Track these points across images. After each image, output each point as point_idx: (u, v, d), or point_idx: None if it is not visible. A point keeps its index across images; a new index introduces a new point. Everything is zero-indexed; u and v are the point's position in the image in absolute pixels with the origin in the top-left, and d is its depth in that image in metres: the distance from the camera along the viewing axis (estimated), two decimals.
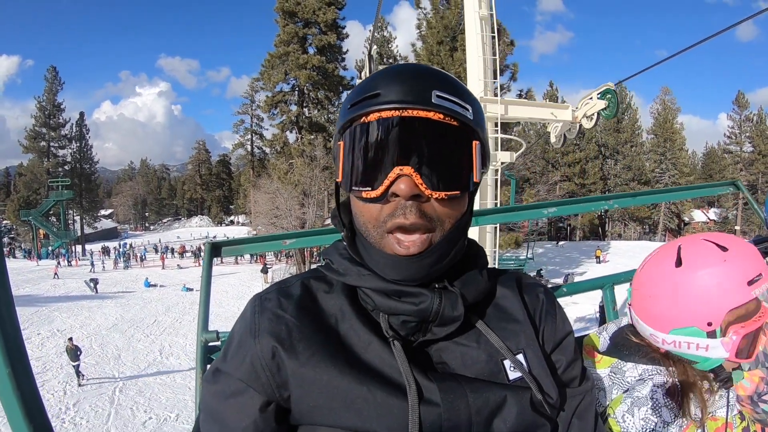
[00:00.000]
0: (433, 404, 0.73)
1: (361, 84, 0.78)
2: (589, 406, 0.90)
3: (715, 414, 1.12)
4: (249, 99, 62.46)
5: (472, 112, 0.76)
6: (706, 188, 2.82)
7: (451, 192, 0.74)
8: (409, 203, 0.72)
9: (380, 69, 0.80)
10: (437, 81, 0.74)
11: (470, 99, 0.78)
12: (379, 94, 0.73)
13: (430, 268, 0.75)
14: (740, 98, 64.86)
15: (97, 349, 16.64)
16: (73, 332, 17.83)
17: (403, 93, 0.72)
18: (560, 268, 32.85)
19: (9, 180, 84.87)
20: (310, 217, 32.36)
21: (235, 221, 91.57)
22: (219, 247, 1.88)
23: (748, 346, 1.06)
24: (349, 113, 0.76)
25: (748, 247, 1.09)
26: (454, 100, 0.74)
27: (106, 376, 14.13)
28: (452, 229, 0.77)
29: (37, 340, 17.31)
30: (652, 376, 1.12)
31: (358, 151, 0.74)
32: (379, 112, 0.72)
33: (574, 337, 0.96)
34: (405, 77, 0.74)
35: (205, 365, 1.56)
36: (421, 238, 0.74)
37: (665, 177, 62.16)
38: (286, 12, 38.15)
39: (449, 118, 0.73)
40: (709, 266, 1.05)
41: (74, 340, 14.29)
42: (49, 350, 16.07)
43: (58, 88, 60.67)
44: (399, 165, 0.71)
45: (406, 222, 0.72)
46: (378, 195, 0.72)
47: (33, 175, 58.88)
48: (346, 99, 0.79)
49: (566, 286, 1.83)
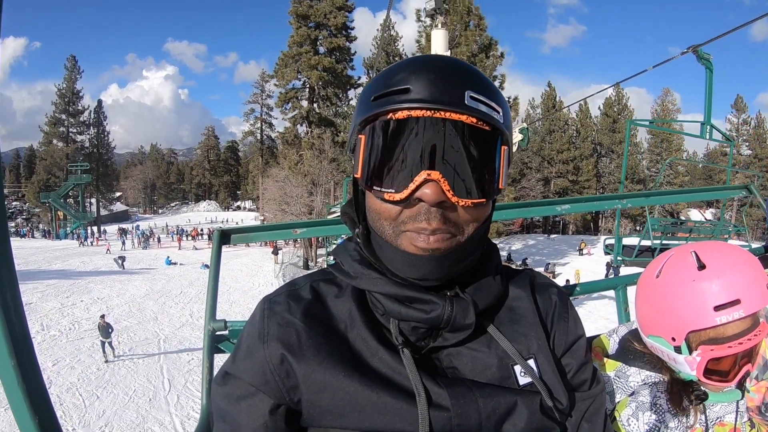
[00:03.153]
0: (444, 409, 0.72)
1: (385, 75, 0.73)
2: (598, 410, 0.89)
3: (723, 419, 1.10)
4: (259, 89, 65.23)
5: (503, 114, 0.73)
6: (719, 191, 2.80)
7: (478, 200, 0.70)
8: (434, 209, 0.69)
9: (407, 59, 0.76)
10: (470, 80, 0.71)
11: (501, 100, 0.73)
12: (408, 90, 0.68)
13: (448, 268, 0.73)
14: (739, 102, 66.24)
15: (137, 313, 19.36)
16: (111, 300, 20.65)
17: (437, 92, 0.67)
18: (546, 259, 35.71)
19: (19, 162, 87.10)
20: (317, 205, 35.10)
21: (242, 206, 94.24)
22: (228, 235, 1.89)
23: (721, 371, 1.03)
24: (373, 106, 0.71)
25: (736, 266, 1.01)
26: (487, 103, 0.70)
27: (150, 332, 16.80)
28: (474, 233, 0.74)
29: (82, 305, 19.93)
30: (656, 381, 1.13)
31: (382, 148, 0.70)
32: (409, 110, 0.67)
33: (586, 339, 0.94)
34: (437, 73, 0.69)
35: (211, 354, 1.58)
36: (443, 236, 0.71)
37: (661, 176, 64.10)
38: (300, 15, 41.43)
39: (482, 123, 0.69)
40: (677, 284, 1.04)
41: (106, 317, 15.04)
42: (94, 313, 18.62)
43: (77, 76, 63.74)
44: (427, 169, 0.67)
45: (428, 227, 0.69)
46: (402, 198, 0.68)
47: (53, 159, 62.11)
48: (367, 89, 0.75)
49: (580, 285, 1.83)
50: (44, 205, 59.72)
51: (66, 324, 16.96)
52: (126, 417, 10.27)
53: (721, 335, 1.00)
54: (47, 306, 18.99)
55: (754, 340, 0.99)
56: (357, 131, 0.74)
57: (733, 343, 0.98)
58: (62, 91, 62.62)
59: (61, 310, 18.72)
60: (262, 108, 64.92)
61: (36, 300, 19.59)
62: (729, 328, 0.99)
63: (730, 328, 0.99)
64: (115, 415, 10.32)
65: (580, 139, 64.67)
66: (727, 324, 0.98)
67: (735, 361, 1.03)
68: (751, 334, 0.99)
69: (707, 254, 1.04)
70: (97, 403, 10.82)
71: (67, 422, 9.78)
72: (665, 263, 1.09)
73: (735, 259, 1.03)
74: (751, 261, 1.03)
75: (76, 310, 18.99)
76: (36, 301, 19.47)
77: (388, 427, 0.72)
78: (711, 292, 0.99)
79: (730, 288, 0.98)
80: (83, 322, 17.18)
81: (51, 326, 16.45)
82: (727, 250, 1.06)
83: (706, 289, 0.99)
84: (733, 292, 0.98)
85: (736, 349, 0.98)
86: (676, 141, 65.15)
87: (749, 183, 2.52)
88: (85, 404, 10.72)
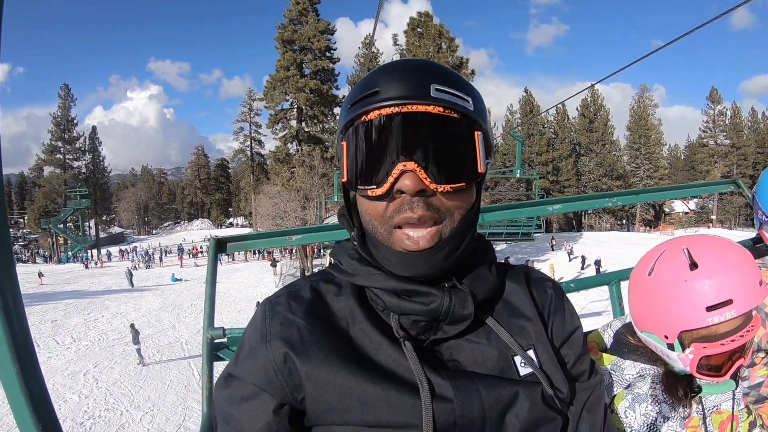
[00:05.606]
0: (447, 401, 0.73)
1: (360, 83, 0.78)
2: (598, 400, 0.90)
3: (720, 407, 1.11)
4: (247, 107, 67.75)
5: (473, 102, 0.75)
6: (707, 186, 2.83)
7: (456, 185, 0.73)
8: (415, 198, 0.71)
9: (379, 66, 0.81)
10: (435, 74, 0.74)
11: (470, 90, 0.77)
12: (378, 92, 0.72)
13: (441, 262, 0.75)
14: (713, 94, 69.16)
15: (155, 323, 21.45)
16: (129, 314, 22.54)
17: (402, 89, 0.71)
18: (527, 256, 38.38)
19: (10, 189, 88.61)
20: (310, 218, 37.39)
21: (235, 223, 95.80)
22: (224, 243, 1.88)
23: (714, 366, 1.03)
24: (349, 113, 0.75)
25: (729, 265, 1.00)
26: (453, 93, 0.73)
27: (172, 338, 18.92)
28: (461, 220, 0.76)
29: (104, 320, 21.98)
30: (650, 373, 1.13)
31: (360, 149, 0.74)
32: (379, 109, 0.71)
33: (583, 332, 0.94)
34: (403, 73, 0.74)
35: (211, 362, 1.57)
36: (430, 231, 0.73)
37: (640, 171, 66.95)
38: (285, 40, 44.59)
39: (449, 111, 0.72)
40: (669, 284, 1.02)
41: (135, 323, 17.24)
42: (117, 325, 20.74)
43: (71, 104, 66.14)
44: (402, 161, 0.70)
45: (413, 216, 0.71)
46: (383, 192, 0.72)
47: (51, 186, 64.35)
48: (347, 99, 0.79)
49: (574, 282, 1.86)
50: (43, 231, 61.60)
51: (94, 336, 19.03)
52: (168, 399, 12.58)
53: (714, 333, 1.00)
54: (72, 322, 21.05)
55: (747, 336, 0.99)
56: (340, 139, 0.79)
57: (726, 341, 0.98)
58: (57, 119, 64.92)
59: (86, 324, 20.77)
60: (251, 126, 67.40)
61: (60, 317, 21.68)
62: (722, 326, 0.99)
63: (722, 327, 0.99)
64: (159, 399, 12.61)
65: (558, 140, 67.52)
66: (719, 324, 0.98)
67: (728, 356, 1.03)
68: (744, 331, 0.99)
69: (699, 252, 1.02)
70: (141, 392, 13.09)
71: (120, 406, 12.07)
72: (658, 260, 1.08)
73: (727, 258, 1.01)
74: (743, 258, 1.01)
75: (100, 324, 21.06)
76: (60, 318, 21.56)
77: (392, 420, 0.73)
78: (703, 292, 0.98)
79: (722, 288, 0.97)
80: (109, 334, 19.28)
81: (81, 338, 18.54)
82: (720, 246, 1.04)
83: (699, 289, 0.98)
84: (726, 292, 0.96)
85: (728, 347, 0.98)
86: (654, 136, 67.94)
87: (737, 177, 2.82)
88: (132, 393, 12.99)
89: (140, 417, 11.49)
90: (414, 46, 38.37)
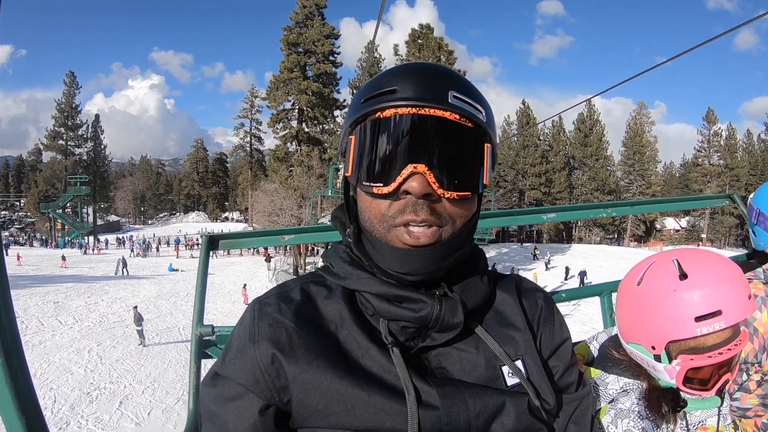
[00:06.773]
0: (433, 408, 0.73)
1: (374, 80, 0.77)
2: (585, 412, 0.90)
3: (705, 423, 1.11)
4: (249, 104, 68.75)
5: (485, 114, 0.76)
6: (702, 200, 2.84)
7: (463, 193, 0.73)
8: (420, 201, 0.71)
9: (395, 66, 0.80)
10: (453, 81, 0.74)
11: (483, 101, 0.77)
12: (395, 91, 0.72)
13: (437, 262, 0.74)
14: (710, 114, 70.15)
15: (154, 309, 22.35)
16: (128, 300, 23.44)
17: (421, 91, 0.71)
18: (515, 265, 39.63)
19: (8, 171, 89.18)
20: (306, 216, 38.47)
21: (230, 218, 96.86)
22: (216, 241, 1.86)
23: (701, 380, 1.02)
24: (362, 108, 0.75)
25: (719, 277, 0.99)
26: (469, 102, 0.73)
27: (169, 323, 19.92)
28: (462, 228, 0.76)
29: (104, 303, 22.84)
30: (634, 389, 1.12)
31: (371, 145, 0.73)
32: (395, 108, 0.71)
33: (572, 343, 0.95)
34: (422, 75, 0.74)
35: (199, 359, 1.55)
36: (431, 229, 0.72)
37: (633, 187, 68.15)
38: (290, 43, 45.96)
39: (464, 119, 0.72)
40: (658, 294, 1.02)
41: (137, 308, 17.92)
42: (118, 308, 21.72)
43: (75, 91, 67.14)
44: (413, 162, 0.70)
45: (416, 218, 0.71)
46: (390, 191, 0.71)
47: (52, 171, 65.33)
48: (358, 94, 0.78)
49: (565, 292, 1.84)
50: (41, 215, 62.65)
51: (95, 318, 19.98)
52: (167, 376, 13.75)
53: (702, 345, 0.99)
54: (73, 304, 21.94)
55: (735, 350, 0.98)
56: (348, 133, 0.78)
57: (713, 353, 0.98)
58: (61, 106, 65.95)
59: (87, 307, 21.66)
60: (251, 123, 68.31)
61: (62, 299, 22.54)
62: (710, 338, 0.98)
63: (710, 339, 0.98)
64: (159, 375, 13.77)
65: (553, 153, 68.91)
66: (707, 335, 0.98)
67: (715, 370, 1.03)
68: (732, 344, 0.99)
69: (689, 263, 1.02)
70: (143, 369, 14.20)
71: (123, 380, 13.20)
72: (647, 270, 1.08)
73: (717, 269, 1.01)
74: (733, 271, 1.01)
75: (100, 308, 21.97)
76: (62, 300, 22.42)
77: (377, 426, 0.72)
78: (692, 302, 0.98)
79: (711, 299, 0.97)
80: (109, 317, 20.22)
81: (83, 319, 19.47)
82: (710, 259, 1.03)
83: (688, 299, 0.98)
84: (715, 303, 0.96)
85: (716, 359, 0.98)
86: (649, 153, 69.17)
87: (732, 192, 2.54)
88: (134, 369, 14.12)
89: (142, 390, 12.62)
90: (414, 57, 39.86)
